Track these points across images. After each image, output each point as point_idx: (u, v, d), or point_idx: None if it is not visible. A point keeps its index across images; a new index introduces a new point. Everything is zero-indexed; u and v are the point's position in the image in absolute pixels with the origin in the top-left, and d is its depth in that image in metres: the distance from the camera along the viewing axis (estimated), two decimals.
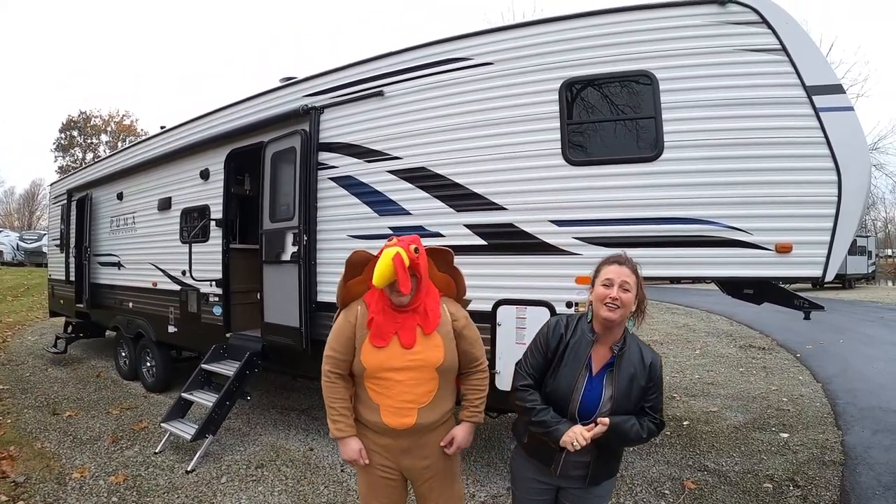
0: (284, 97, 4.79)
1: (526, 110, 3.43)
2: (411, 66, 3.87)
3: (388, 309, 2.04)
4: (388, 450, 2.09)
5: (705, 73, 3.13)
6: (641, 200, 3.16)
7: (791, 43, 3.02)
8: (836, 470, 4.07)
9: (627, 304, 1.88)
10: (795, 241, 3.02)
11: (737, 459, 4.28)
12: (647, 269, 3.18)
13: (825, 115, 2.97)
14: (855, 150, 2.98)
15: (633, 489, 3.74)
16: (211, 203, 5.54)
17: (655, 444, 4.62)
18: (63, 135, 45.00)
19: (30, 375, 7.21)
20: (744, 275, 3.11)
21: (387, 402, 2.02)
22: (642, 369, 1.90)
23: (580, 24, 3.34)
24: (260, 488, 3.79)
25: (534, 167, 3.40)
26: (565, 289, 3.28)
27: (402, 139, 3.92)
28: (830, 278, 3.14)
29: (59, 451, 4.47)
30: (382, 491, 2.14)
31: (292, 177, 4.55)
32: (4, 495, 3.60)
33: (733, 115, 3.09)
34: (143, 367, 6.65)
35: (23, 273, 21.01)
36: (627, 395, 1.87)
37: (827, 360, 7.93)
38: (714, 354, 8.63)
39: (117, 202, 7.23)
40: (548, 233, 3.35)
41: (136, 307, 6.79)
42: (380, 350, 2.01)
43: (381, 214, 4.03)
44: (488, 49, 3.58)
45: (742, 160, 3.07)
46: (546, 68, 3.39)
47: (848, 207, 2.96)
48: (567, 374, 1.90)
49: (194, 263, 5.44)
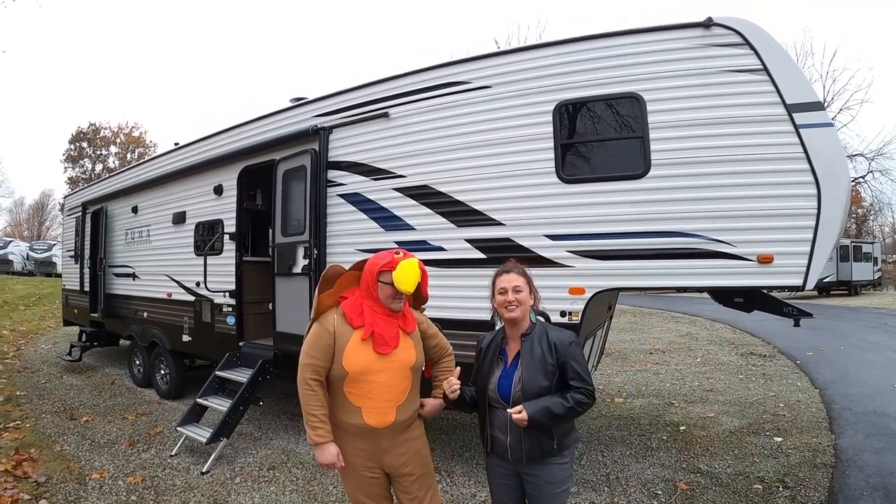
0: (295, 117, 5.04)
1: (522, 131, 3.66)
2: (414, 90, 4.12)
3: (385, 318, 2.25)
4: (368, 453, 2.28)
5: (690, 93, 3.32)
6: (630, 215, 3.37)
7: (772, 63, 3.20)
8: (826, 472, 4.21)
9: (524, 302, 2.22)
10: (776, 252, 3.19)
11: (729, 462, 4.43)
12: (637, 279, 3.42)
13: (805, 131, 3.13)
14: (834, 164, 3.13)
15: (627, 490, 3.90)
16: (224, 217, 5.79)
17: (651, 447, 4.79)
18: (72, 146, 45.65)
19: (45, 382, 7.46)
20: (727, 284, 3.30)
21: (368, 403, 2.20)
22: (549, 350, 2.18)
23: (572, 49, 3.56)
24: (272, 488, 3.99)
25: (529, 185, 3.62)
26: (560, 299, 3.49)
27: (406, 158, 4.16)
28: (811, 286, 3.31)
29: (79, 454, 4.69)
30: (371, 489, 2.33)
31: (303, 193, 4.79)
32: (27, 494, 3.81)
33: (717, 133, 3.27)
34: (157, 374, 6.88)
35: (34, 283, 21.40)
36: (536, 374, 2.15)
37: (826, 366, 8.06)
38: (715, 362, 8.77)
39: (132, 215, 7.50)
40: (543, 247, 3.57)
41: (151, 317, 7.04)
42: (366, 355, 2.20)
43: (387, 230, 4.26)
44: (486, 73, 3.81)
45: (725, 176, 3.25)
46: (540, 91, 3.61)
47: (827, 219, 3.11)
48: (485, 370, 2.28)
49: (209, 275, 5.67)
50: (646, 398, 6.58)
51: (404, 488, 2.36)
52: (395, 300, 2.24)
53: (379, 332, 2.22)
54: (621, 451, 4.70)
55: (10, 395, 6.64)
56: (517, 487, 2.28)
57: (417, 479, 2.36)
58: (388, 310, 2.26)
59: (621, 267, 3.40)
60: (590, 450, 4.73)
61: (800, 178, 3.14)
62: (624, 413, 5.94)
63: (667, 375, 7.87)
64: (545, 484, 2.20)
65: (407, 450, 2.33)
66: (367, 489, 2.34)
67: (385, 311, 2.26)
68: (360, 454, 2.28)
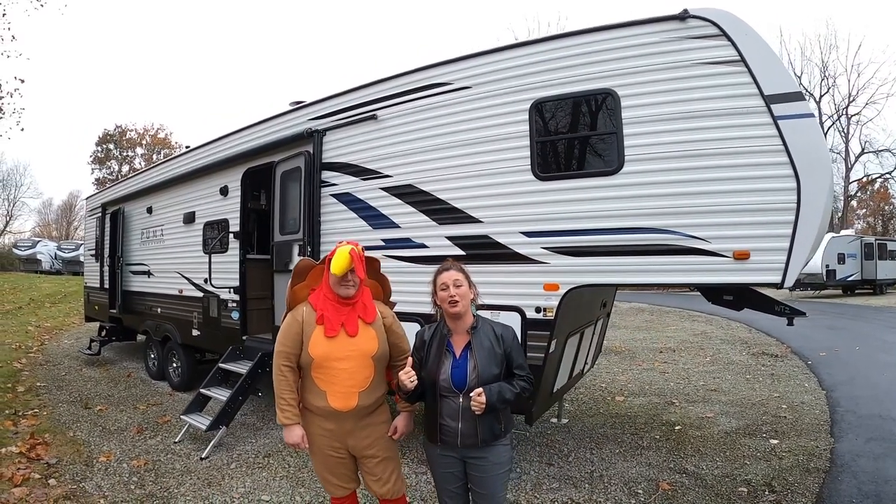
0: (292, 120, 5.21)
1: (499, 130, 3.72)
2: (400, 92, 4.22)
3: (335, 304, 2.42)
4: (334, 434, 2.46)
5: (665, 87, 3.27)
6: (604, 212, 3.38)
7: (750, 54, 3.10)
8: (817, 477, 4.10)
9: (465, 296, 2.35)
10: (753, 248, 3.11)
11: (719, 463, 4.38)
12: (611, 276, 3.44)
13: (783, 122, 3.02)
14: (814, 156, 3.01)
15: (608, 488, 3.92)
16: (230, 217, 6.01)
17: (642, 446, 4.78)
18: (99, 148, 46.95)
19: (65, 374, 7.84)
20: (702, 281, 3.28)
21: (333, 388, 2.39)
22: (496, 341, 2.36)
23: (547, 48, 3.59)
24: (264, 474, 4.17)
25: (506, 182, 3.68)
26: (535, 295, 3.55)
27: (392, 159, 4.27)
28: (790, 284, 3.18)
29: (89, 440, 4.97)
30: (336, 469, 2.54)
31: (298, 194, 4.96)
32: (38, 473, 4.11)
33: (692, 126, 3.20)
34: (170, 367, 7.16)
35: (60, 281, 22.24)
36: (489, 363, 2.31)
37: (838, 367, 7.86)
38: (724, 361, 8.64)
39: (147, 215, 7.82)
40: (519, 243, 3.63)
41: (164, 312, 7.33)
42: (326, 342, 2.38)
43: (375, 228, 4.38)
44: (466, 74, 3.89)
45: (701, 171, 3.19)
46: (517, 90, 3.66)
47: (808, 214, 2.99)
48: (431, 362, 2.37)
49: (214, 272, 5.90)
50: (647, 397, 6.54)
51: (368, 469, 2.54)
52: (340, 286, 2.40)
53: (328, 316, 2.39)
54: (610, 449, 4.70)
55: (31, 385, 7.02)
56: (461, 475, 2.41)
57: (381, 461, 2.53)
58: (338, 297, 2.42)
59: (595, 263, 3.41)
60: (579, 447, 4.75)
61: (778, 171, 3.04)
62: (622, 411, 5.93)
63: (673, 374, 7.80)
64: (491, 465, 2.34)
65: (370, 433, 2.50)
66: (332, 468, 2.53)
67: (336, 298, 2.43)
68: (327, 434, 2.46)
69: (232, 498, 3.77)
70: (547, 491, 3.85)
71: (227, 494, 3.82)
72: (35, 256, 29.75)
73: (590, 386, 7.10)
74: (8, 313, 14.06)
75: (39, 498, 3.66)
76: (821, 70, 33.38)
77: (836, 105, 34.13)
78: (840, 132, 34.21)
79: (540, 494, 3.79)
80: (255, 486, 3.96)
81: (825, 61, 33.67)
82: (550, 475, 4.13)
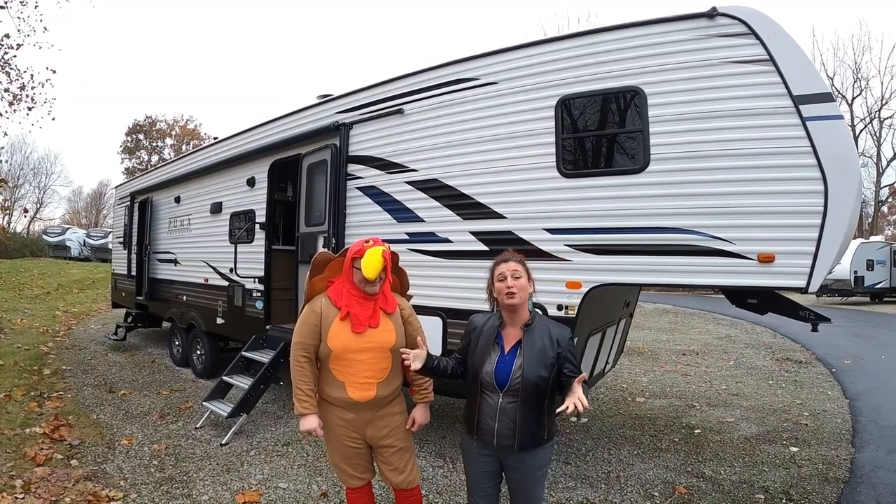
0: (318, 113, 5.29)
1: (525, 126, 3.73)
2: (426, 86, 4.26)
3: (359, 299, 2.46)
4: (353, 423, 2.51)
5: (692, 86, 3.24)
6: (628, 210, 3.37)
7: (778, 53, 3.05)
8: (836, 487, 4.02)
9: (523, 288, 2.25)
10: (778, 252, 3.07)
11: (737, 469, 4.33)
12: (634, 275, 3.42)
13: (812, 123, 2.97)
14: (843, 159, 2.95)
15: (624, 489, 3.91)
16: (256, 208, 6.12)
17: (661, 448, 4.75)
18: (129, 138, 47.56)
19: (91, 359, 8.07)
20: (726, 283, 3.22)
21: (351, 378, 2.44)
22: (551, 343, 2.23)
23: (574, 44, 3.59)
24: (282, 462, 4.25)
25: (531, 179, 3.69)
26: (557, 292, 3.55)
27: (418, 153, 4.31)
28: (815, 289, 3.10)
29: (112, 423, 5.12)
30: (353, 459, 2.58)
31: (324, 186, 5.03)
32: (60, 454, 4.25)
33: (719, 126, 3.17)
34: (194, 354, 7.33)
35: (88, 268, 22.80)
36: (537, 365, 2.19)
37: (863, 375, 7.68)
38: (747, 366, 8.51)
39: (175, 205, 8.00)
40: (542, 240, 3.64)
41: (190, 300, 7.50)
42: (347, 335, 2.42)
43: (400, 221, 4.43)
44: (493, 69, 3.91)
45: (727, 171, 3.16)
46: (544, 86, 3.67)
47: (835, 217, 2.94)
48: (479, 352, 2.29)
49: (239, 262, 6.03)
50: (668, 399, 6.49)
51: (385, 459, 2.58)
52: (367, 284, 2.43)
53: (354, 312, 2.44)
54: (629, 451, 4.69)
55: (56, 369, 7.25)
56: (496, 473, 2.34)
57: (398, 451, 2.57)
58: (363, 293, 2.46)
59: (618, 262, 3.41)
60: (597, 447, 4.75)
61: (805, 173, 2.98)
62: (642, 413, 5.89)
63: (694, 377, 7.72)
64: (529, 468, 2.26)
65: (388, 423, 2.55)
66: (349, 458, 2.57)
67: (360, 293, 2.47)
68: (345, 425, 2.51)
69: (250, 484, 3.85)
70: (563, 490, 3.86)
71: (246, 481, 3.91)
72: (64, 243, 30.52)
73: (611, 386, 7.07)
74: (36, 298, 14.51)
75: (61, 478, 3.77)
76: (853, 72, 32.47)
77: (868, 108, 33.23)
78: (872, 136, 33.28)
79: (556, 493, 3.80)
80: (273, 473, 4.05)
81: (858, 63, 32.72)
82: (567, 474, 4.13)
